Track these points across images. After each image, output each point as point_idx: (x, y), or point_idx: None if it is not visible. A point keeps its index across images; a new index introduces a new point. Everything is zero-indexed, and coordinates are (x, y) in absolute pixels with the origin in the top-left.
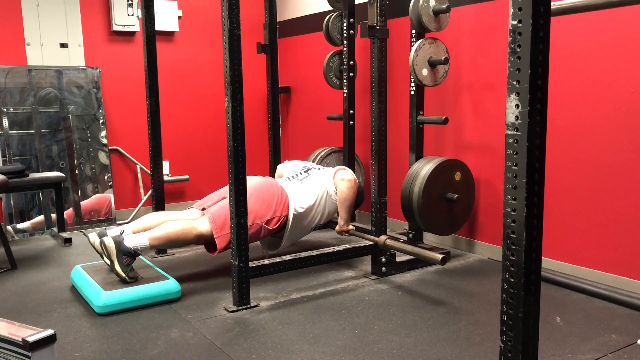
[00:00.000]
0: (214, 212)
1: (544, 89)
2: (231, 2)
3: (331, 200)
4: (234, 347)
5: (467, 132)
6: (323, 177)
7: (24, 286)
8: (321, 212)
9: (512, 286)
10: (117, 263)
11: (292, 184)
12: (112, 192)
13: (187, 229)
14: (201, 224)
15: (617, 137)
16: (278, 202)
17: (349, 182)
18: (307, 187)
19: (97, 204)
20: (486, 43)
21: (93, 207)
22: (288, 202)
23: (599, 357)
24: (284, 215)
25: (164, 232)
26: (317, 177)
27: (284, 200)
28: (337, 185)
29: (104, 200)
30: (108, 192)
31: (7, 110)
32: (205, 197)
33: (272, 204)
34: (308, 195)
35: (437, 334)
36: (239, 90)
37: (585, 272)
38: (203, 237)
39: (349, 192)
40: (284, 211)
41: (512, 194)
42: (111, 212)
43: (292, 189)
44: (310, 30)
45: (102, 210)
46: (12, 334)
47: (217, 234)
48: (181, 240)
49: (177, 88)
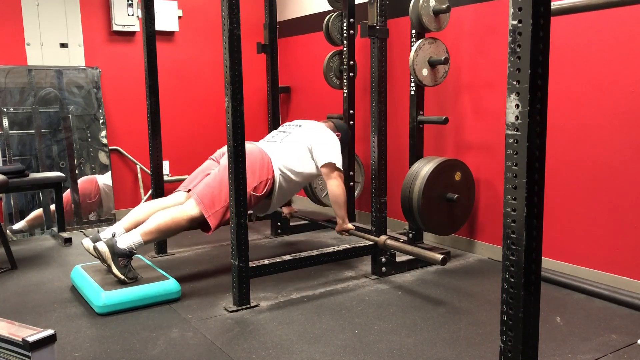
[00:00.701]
0: (199, 192)
1: (544, 89)
2: (231, 2)
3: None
4: (234, 347)
5: (467, 132)
6: (304, 137)
7: (24, 286)
8: (308, 170)
9: (512, 286)
10: (114, 266)
11: (272, 146)
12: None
13: (176, 216)
14: (189, 208)
15: (617, 137)
16: (261, 166)
17: (336, 180)
18: (288, 145)
19: (84, 188)
20: (486, 43)
21: (81, 192)
22: (272, 164)
23: (599, 357)
24: (270, 178)
25: (154, 225)
26: (298, 135)
27: (266, 163)
28: (325, 181)
29: (90, 182)
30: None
31: (7, 110)
32: (189, 177)
33: (255, 169)
34: (291, 152)
35: (437, 334)
36: (239, 90)
37: (585, 272)
38: (195, 220)
39: (337, 189)
40: (269, 174)
41: (512, 194)
42: (99, 193)
43: (273, 150)
44: (310, 30)
45: (91, 194)
46: (12, 334)
47: (208, 213)
48: (173, 228)
49: (177, 88)
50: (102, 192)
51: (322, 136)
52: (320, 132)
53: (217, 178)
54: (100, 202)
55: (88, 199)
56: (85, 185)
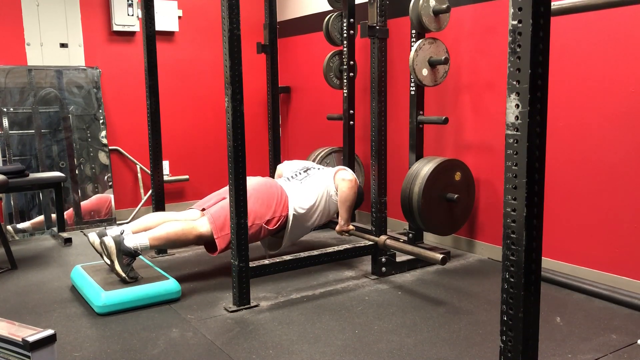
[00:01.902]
0: (213, 213)
1: (544, 89)
2: (231, 2)
3: (331, 200)
4: (234, 347)
5: (467, 132)
6: (323, 176)
7: (24, 286)
8: (321, 212)
9: (512, 286)
10: (117, 263)
11: (291, 184)
12: (112, 193)
13: (187, 229)
14: (201, 225)
15: (617, 136)
16: (278, 202)
17: (350, 182)
18: (307, 187)
19: (97, 205)
20: (486, 43)
21: (93, 207)
22: (288, 202)
23: (599, 357)
24: (283, 216)
25: (164, 233)
26: (317, 177)
27: (283, 201)
28: (337, 185)
29: (104, 200)
30: (108, 192)
31: (7, 110)
32: (205, 198)
33: (271, 204)
34: (308, 195)
35: (437, 334)
36: (239, 90)
37: (585, 272)
38: (203, 238)
39: (349, 192)
40: (284, 211)
41: (512, 194)
42: (111, 212)
43: (292, 189)
44: (310, 30)
45: (102, 211)
46: (12, 334)
47: (217, 235)
48: (181, 240)
49: (177, 88)
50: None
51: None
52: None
53: None
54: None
55: (98, 215)
56: (100, 202)
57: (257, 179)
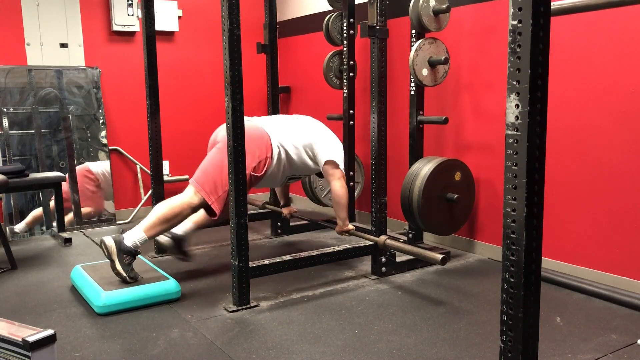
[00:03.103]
0: (197, 179)
1: (544, 89)
2: (231, 2)
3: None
4: (234, 347)
5: (467, 132)
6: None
7: (24, 286)
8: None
9: (512, 286)
10: (118, 262)
11: (273, 123)
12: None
13: (177, 205)
14: (189, 196)
15: (617, 137)
16: (260, 145)
17: (340, 181)
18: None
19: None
20: (486, 43)
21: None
22: (270, 141)
23: (599, 357)
24: (268, 156)
25: (155, 218)
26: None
27: (265, 141)
28: (327, 179)
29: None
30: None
31: (7, 110)
32: None
33: (254, 149)
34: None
35: (437, 334)
36: (239, 90)
37: (585, 272)
38: (198, 207)
39: (341, 191)
40: (268, 152)
41: (512, 194)
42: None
43: (274, 127)
44: (310, 30)
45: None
46: (12, 334)
47: (211, 200)
48: (177, 217)
49: (177, 88)
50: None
51: (325, 132)
52: (324, 129)
53: (216, 162)
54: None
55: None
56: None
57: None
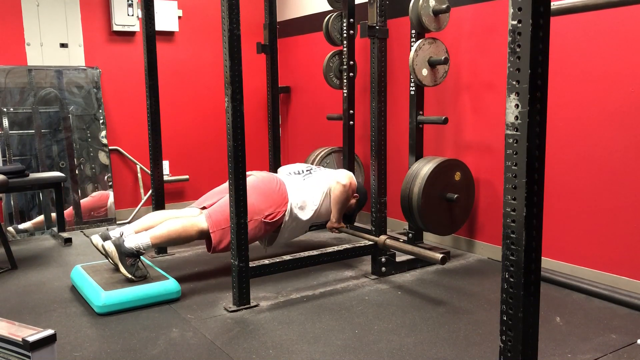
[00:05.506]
0: (211, 210)
1: (543, 89)
2: (231, 2)
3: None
4: (234, 347)
5: (467, 132)
6: (326, 176)
7: (24, 286)
8: (320, 211)
9: (512, 286)
10: (122, 265)
11: (292, 179)
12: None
13: (187, 225)
14: (201, 221)
15: (617, 137)
16: (276, 197)
17: (343, 187)
18: (309, 184)
19: (98, 201)
20: (486, 43)
21: (94, 204)
22: (287, 198)
23: (599, 357)
24: (282, 211)
25: (165, 231)
26: (320, 176)
27: (283, 196)
28: (331, 185)
29: (104, 197)
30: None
31: (7, 110)
32: (203, 196)
33: (269, 199)
34: (309, 192)
35: (437, 334)
36: (239, 90)
37: (585, 272)
38: (204, 233)
39: (340, 195)
40: (283, 207)
41: (512, 194)
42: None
43: (293, 185)
44: (310, 30)
45: (101, 208)
46: (12, 334)
47: (212, 229)
48: (182, 237)
49: (177, 88)
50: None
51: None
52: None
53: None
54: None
55: (97, 212)
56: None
57: (257, 176)
